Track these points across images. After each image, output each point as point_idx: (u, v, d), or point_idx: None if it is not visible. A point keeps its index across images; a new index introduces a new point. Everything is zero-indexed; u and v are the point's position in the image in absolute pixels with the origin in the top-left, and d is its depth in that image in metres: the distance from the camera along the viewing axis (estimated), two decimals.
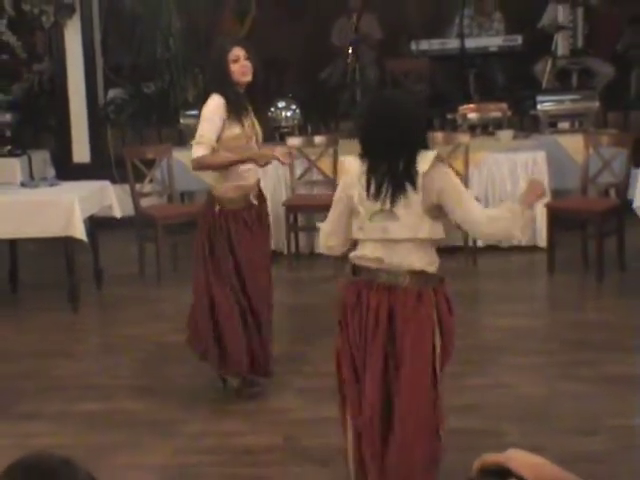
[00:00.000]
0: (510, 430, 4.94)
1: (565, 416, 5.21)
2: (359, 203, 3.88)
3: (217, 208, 5.46)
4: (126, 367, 6.35)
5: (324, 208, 8.42)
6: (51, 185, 8.03)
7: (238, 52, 5.32)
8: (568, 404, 5.37)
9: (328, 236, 4.12)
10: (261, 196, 5.63)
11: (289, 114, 9.55)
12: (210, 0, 11.71)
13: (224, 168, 5.40)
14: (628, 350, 6.22)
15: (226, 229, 5.44)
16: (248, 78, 5.34)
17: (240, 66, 5.31)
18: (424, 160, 3.85)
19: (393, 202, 3.81)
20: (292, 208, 8.74)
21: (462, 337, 6.51)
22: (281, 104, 9.58)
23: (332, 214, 4.08)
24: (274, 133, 9.33)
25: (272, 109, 9.46)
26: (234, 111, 5.34)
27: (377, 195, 3.84)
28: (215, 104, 5.35)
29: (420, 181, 3.80)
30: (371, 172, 3.87)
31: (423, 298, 3.87)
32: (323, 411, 5.36)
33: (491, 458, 1.88)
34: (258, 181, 5.59)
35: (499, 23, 11.24)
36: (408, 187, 3.80)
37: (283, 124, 9.51)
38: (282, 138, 9.19)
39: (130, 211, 8.51)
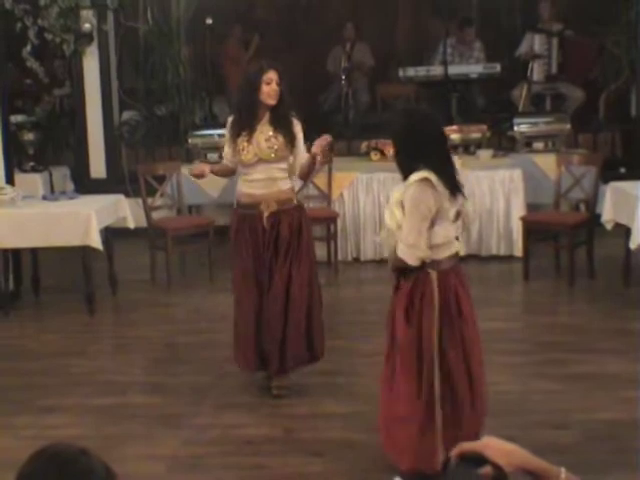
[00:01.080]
0: (487, 423, 4.94)
1: (538, 411, 5.24)
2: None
3: (235, 208, 5.58)
4: (138, 365, 6.36)
5: (319, 221, 8.49)
6: (70, 198, 8.05)
7: (272, 75, 5.31)
8: (541, 400, 5.39)
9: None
10: (287, 209, 5.47)
11: None
12: (217, 30, 11.74)
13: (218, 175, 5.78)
14: (596, 351, 6.24)
15: (242, 229, 5.47)
16: (273, 102, 5.34)
17: (270, 89, 5.31)
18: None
19: None
20: None
21: None
22: None
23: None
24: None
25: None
26: (236, 127, 5.43)
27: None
28: (228, 123, 5.56)
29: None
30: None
31: None
32: (321, 406, 5.40)
33: (468, 446, 1.90)
34: (281, 193, 5.46)
35: (479, 52, 11.27)
36: None
37: None
38: None
39: (142, 222, 8.51)
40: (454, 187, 4.19)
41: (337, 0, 12.26)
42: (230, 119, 5.57)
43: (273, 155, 5.38)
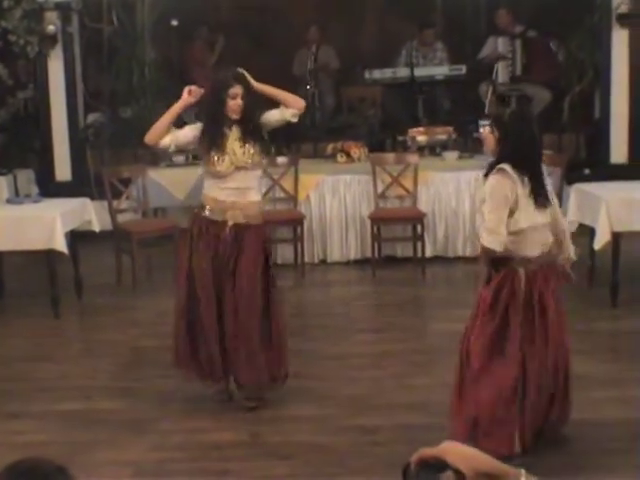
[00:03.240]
0: (450, 425, 4.96)
1: None
2: None
3: (196, 210, 5.43)
4: (104, 370, 6.31)
5: (285, 223, 8.49)
6: (35, 202, 7.99)
7: (237, 90, 5.25)
8: None
9: None
10: (252, 226, 5.38)
11: None
12: (182, 32, 11.70)
13: (165, 125, 5.40)
14: None
15: (204, 236, 5.33)
16: (237, 116, 5.28)
17: (235, 104, 5.25)
18: None
19: None
20: None
21: (410, 340, 6.60)
22: None
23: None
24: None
25: None
26: (206, 142, 5.33)
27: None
28: (194, 128, 5.45)
29: None
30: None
31: None
32: (287, 410, 5.39)
33: (428, 452, 1.89)
34: (250, 204, 5.38)
35: (442, 52, 11.32)
36: None
37: None
38: None
39: (108, 226, 8.47)
40: (543, 193, 4.50)
41: (302, 3, 12.24)
42: (195, 127, 5.47)
43: (250, 161, 5.34)
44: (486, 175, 4.54)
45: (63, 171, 10.59)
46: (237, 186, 5.34)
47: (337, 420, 5.20)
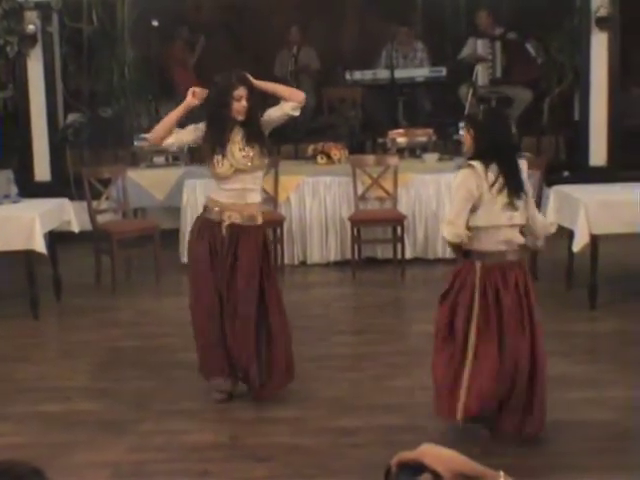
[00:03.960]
0: (429, 426, 5.00)
1: None
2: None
3: (200, 212, 5.53)
4: (83, 371, 6.29)
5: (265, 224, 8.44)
6: (14, 202, 7.97)
7: (242, 92, 5.24)
8: None
9: None
10: (248, 227, 5.41)
11: None
12: (162, 32, 11.69)
13: (168, 126, 5.40)
14: None
15: (202, 237, 5.39)
16: (242, 118, 5.28)
17: (240, 106, 5.24)
18: None
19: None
20: None
21: (390, 342, 6.62)
22: None
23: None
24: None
25: None
26: (210, 145, 5.33)
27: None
28: (197, 128, 5.43)
29: None
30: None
31: None
32: (267, 411, 5.39)
33: (407, 455, 1.91)
34: (247, 206, 5.40)
35: (422, 52, 11.37)
36: None
37: None
38: None
39: (87, 226, 8.46)
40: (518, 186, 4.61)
41: (283, 4, 12.25)
42: (201, 125, 5.43)
43: (250, 164, 5.34)
44: None
45: (42, 171, 10.57)
46: (237, 188, 5.36)
47: (317, 422, 5.22)
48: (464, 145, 4.87)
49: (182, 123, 5.52)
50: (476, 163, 4.57)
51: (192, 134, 5.46)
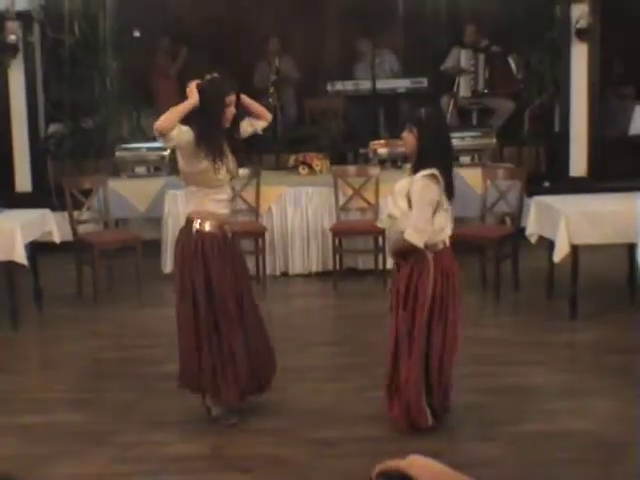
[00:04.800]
0: (413, 437, 5.01)
1: (465, 424, 5.29)
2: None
3: (194, 230, 5.19)
4: (64, 382, 6.28)
5: (247, 235, 8.45)
6: None
7: (232, 98, 5.18)
8: (468, 413, 5.42)
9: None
10: (235, 234, 5.52)
11: None
12: (144, 42, 11.69)
13: (177, 117, 5.04)
14: (521, 363, 6.32)
15: (201, 251, 5.17)
16: (228, 125, 5.22)
17: (230, 112, 5.18)
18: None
19: None
20: None
21: (371, 353, 6.61)
22: None
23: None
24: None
25: None
26: (205, 148, 5.11)
27: None
28: (185, 132, 5.12)
29: None
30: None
31: None
32: (249, 422, 5.39)
33: (392, 464, 1.85)
34: (233, 213, 5.49)
35: (391, 63, 11.46)
36: None
37: None
38: None
39: (69, 237, 8.43)
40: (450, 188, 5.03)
41: (262, 14, 12.26)
42: (188, 132, 5.13)
43: (238, 171, 5.38)
44: (415, 171, 5.00)
45: (23, 182, 10.54)
46: (226, 197, 5.34)
47: (298, 433, 5.22)
48: (406, 144, 5.15)
49: None
50: (436, 172, 4.90)
51: (188, 134, 5.11)
